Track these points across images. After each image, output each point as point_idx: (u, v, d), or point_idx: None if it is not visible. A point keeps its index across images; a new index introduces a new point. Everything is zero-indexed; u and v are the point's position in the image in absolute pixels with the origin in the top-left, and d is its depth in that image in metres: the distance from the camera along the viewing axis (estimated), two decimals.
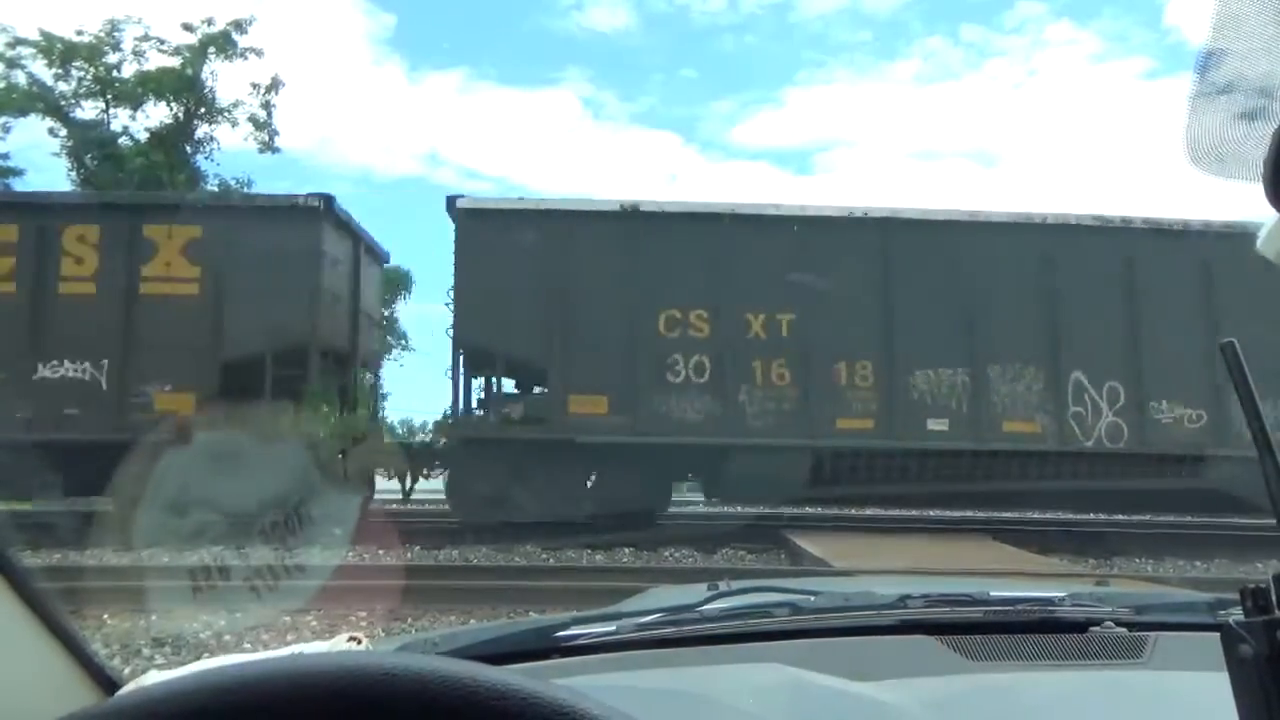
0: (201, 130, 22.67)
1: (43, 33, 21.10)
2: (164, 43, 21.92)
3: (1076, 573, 7.89)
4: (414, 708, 0.51)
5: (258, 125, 22.62)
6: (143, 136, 22.07)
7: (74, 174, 21.41)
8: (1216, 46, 0.61)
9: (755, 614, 1.30)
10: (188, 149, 22.45)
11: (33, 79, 21.39)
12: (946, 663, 1.13)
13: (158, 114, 22.21)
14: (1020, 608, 1.29)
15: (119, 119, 22.22)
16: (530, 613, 5.46)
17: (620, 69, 60.84)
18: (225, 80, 22.87)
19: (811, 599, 1.36)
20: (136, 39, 21.91)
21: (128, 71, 22.00)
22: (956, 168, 58.93)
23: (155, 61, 21.93)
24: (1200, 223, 10.35)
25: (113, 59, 21.88)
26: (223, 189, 22.01)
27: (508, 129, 60.94)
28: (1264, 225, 0.68)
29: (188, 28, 21.81)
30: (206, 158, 22.86)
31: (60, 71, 21.50)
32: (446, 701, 0.50)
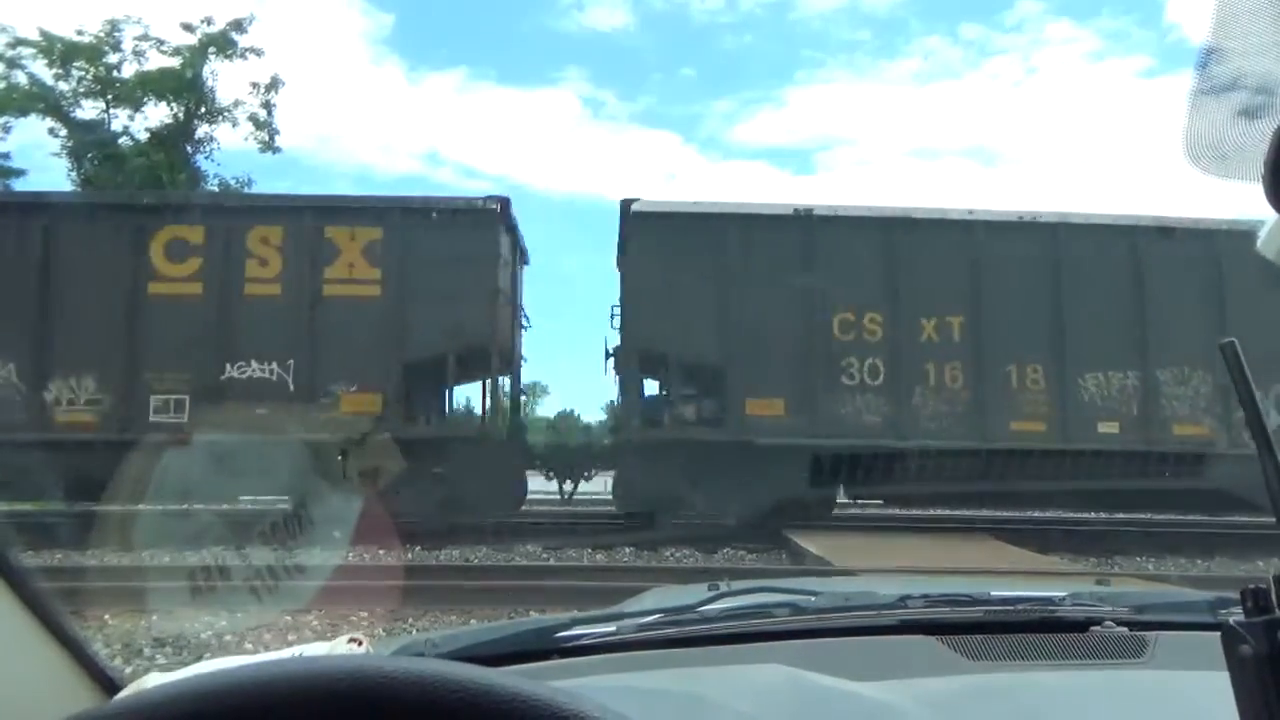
0: (202, 130, 22.74)
1: (43, 33, 21.15)
2: (164, 43, 21.98)
3: (1077, 572, 7.89)
4: (414, 711, 0.50)
5: (258, 125, 22.67)
6: (143, 136, 22.11)
7: (74, 174, 21.46)
8: (1217, 44, 0.61)
9: (756, 614, 1.29)
10: (188, 149, 22.47)
11: (33, 79, 21.43)
12: (947, 663, 1.13)
13: (158, 114, 22.27)
14: (1021, 607, 1.29)
15: (119, 119, 22.29)
16: (531, 613, 5.46)
17: (619, 68, 60.89)
18: (225, 80, 22.88)
19: (812, 599, 1.36)
20: (136, 39, 21.97)
21: (128, 71, 22.06)
22: (956, 166, 58.95)
23: (155, 61, 22.00)
24: None
25: (113, 59, 21.93)
26: (223, 188, 22.04)
27: (507, 128, 60.96)
28: (1264, 225, 0.68)
29: (187, 28, 21.86)
30: (207, 157, 22.92)
31: (60, 72, 21.53)
32: (446, 705, 0.50)
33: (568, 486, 12.47)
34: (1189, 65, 0.63)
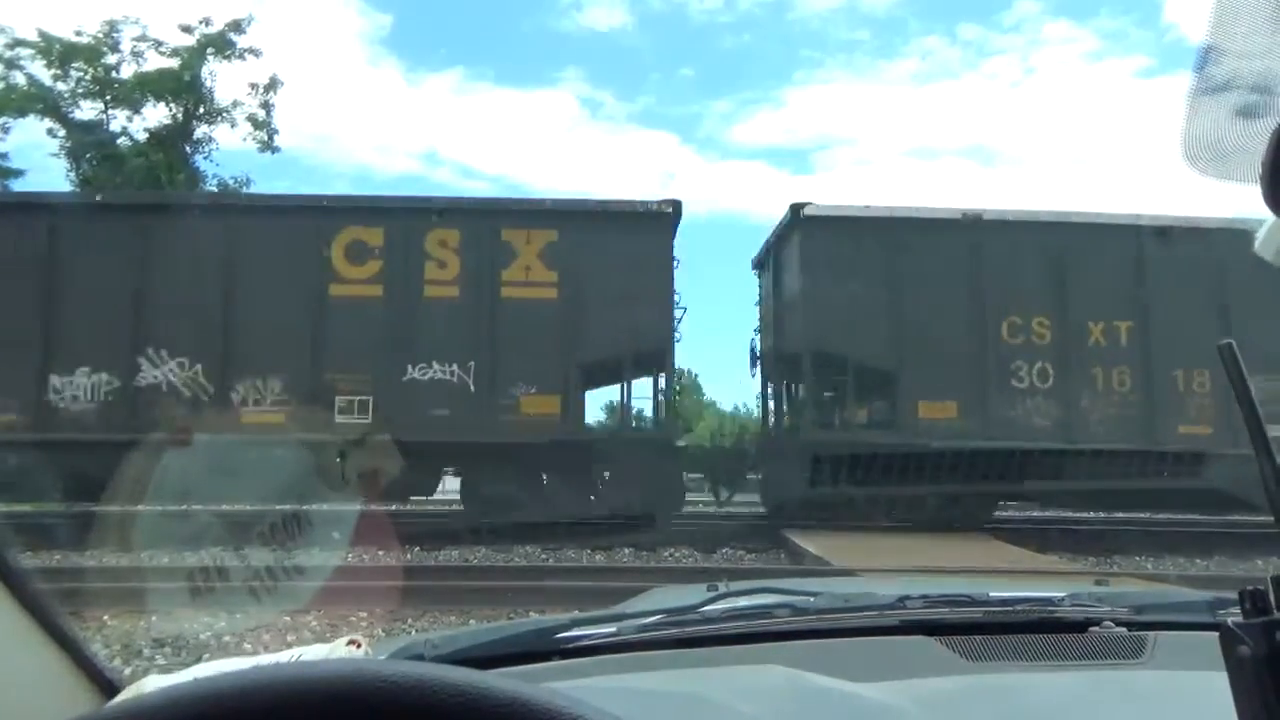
0: (200, 130, 22.72)
1: (41, 33, 21.13)
2: (162, 43, 21.97)
3: (1076, 571, 7.89)
4: (413, 715, 0.50)
5: (256, 125, 22.65)
6: (142, 137, 22.09)
7: (73, 175, 21.45)
8: (1215, 45, 0.61)
9: (755, 615, 1.29)
10: (187, 149, 22.46)
11: (32, 80, 21.41)
12: (946, 663, 1.13)
13: (156, 114, 22.26)
14: (1020, 608, 1.29)
15: (118, 119, 22.27)
16: (530, 613, 5.46)
17: (618, 68, 60.84)
18: (224, 80, 22.90)
19: (811, 600, 1.36)
20: (135, 40, 21.96)
21: (126, 72, 22.04)
22: (955, 166, 58.94)
23: (154, 62, 21.98)
24: None
25: (111, 60, 21.91)
26: (222, 188, 22.03)
27: (505, 128, 60.87)
28: (1262, 225, 0.68)
29: (186, 29, 21.84)
30: (206, 158, 22.90)
31: (59, 72, 21.51)
32: (445, 709, 0.50)
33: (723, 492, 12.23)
34: (1187, 66, 0.63)
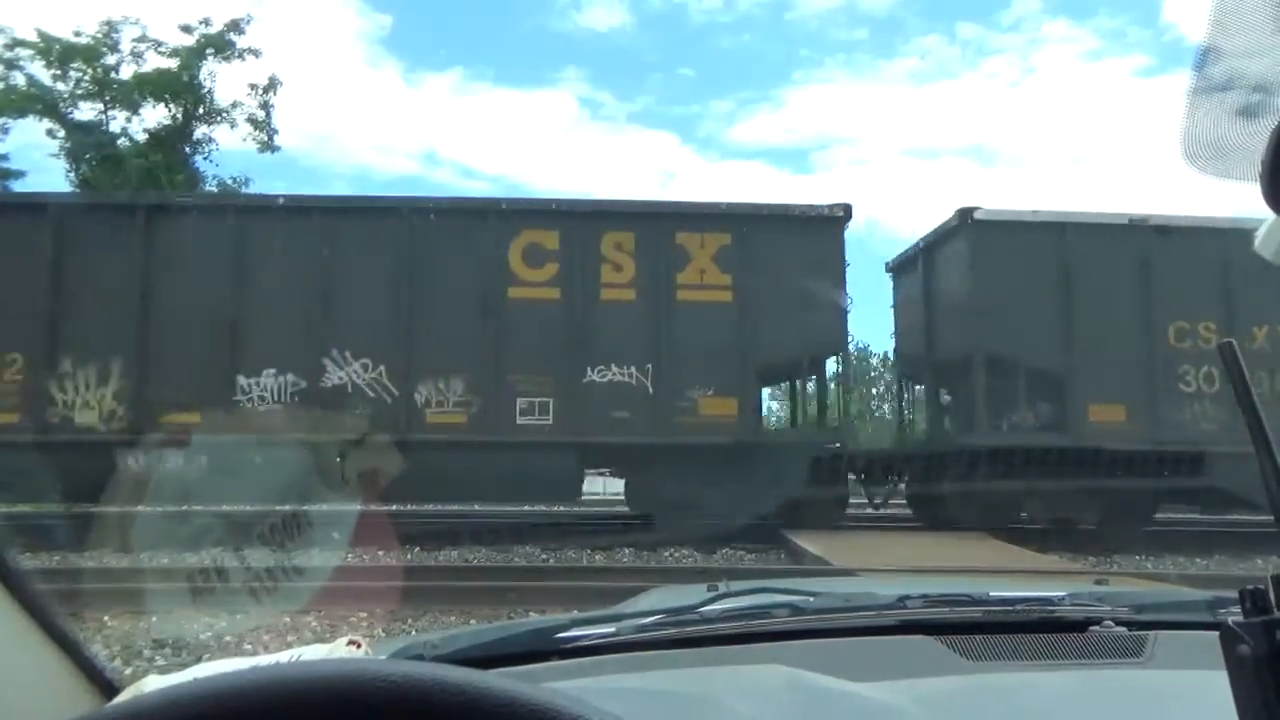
0: (200, 131, 22.73)
1: (41, 34, 21.14)
2: (162, 44, 21.99)
3: (1076, 571, 7.90)
4: (414, 716, 0.50)
5: (256, 125, 22.67)
6: (141, 138, 22.11)
7: (72, 175, 21.46)
8: (1214, 44, 0.61)
9: (755, 615, 1.29)
10: (186, 150, 22.47)
11: (31, 80, 21.42)
12: (946, 663, 1.13)
13: (156, 115, 22.28)
14: (1020, 607, 1.29)
15: (117, 120, 22.29)
16: (530, 613, 5.46)
17: (617, 68, 60.83)
18: (223, 81, 22.91)
19: (811, 599, 1.36)
20: (134, 40, 21.98)
21: (126, 73, 22.07)
22: (955, 166, 58.93)
23: (153, 63, 22.00)
24: None
25: (111, 60, 21.92)
26: (222, 189, 22.04)
27: (505, 128, 60.87)
28: (1262, 224, 0.68)
29: (185, 29, 21.86)
30: (205, 158, 22.92)
31: (58, 73, 21.53)
32: (447, 709, 0.50)
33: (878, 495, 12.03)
34: (1186, 65, 0.63)
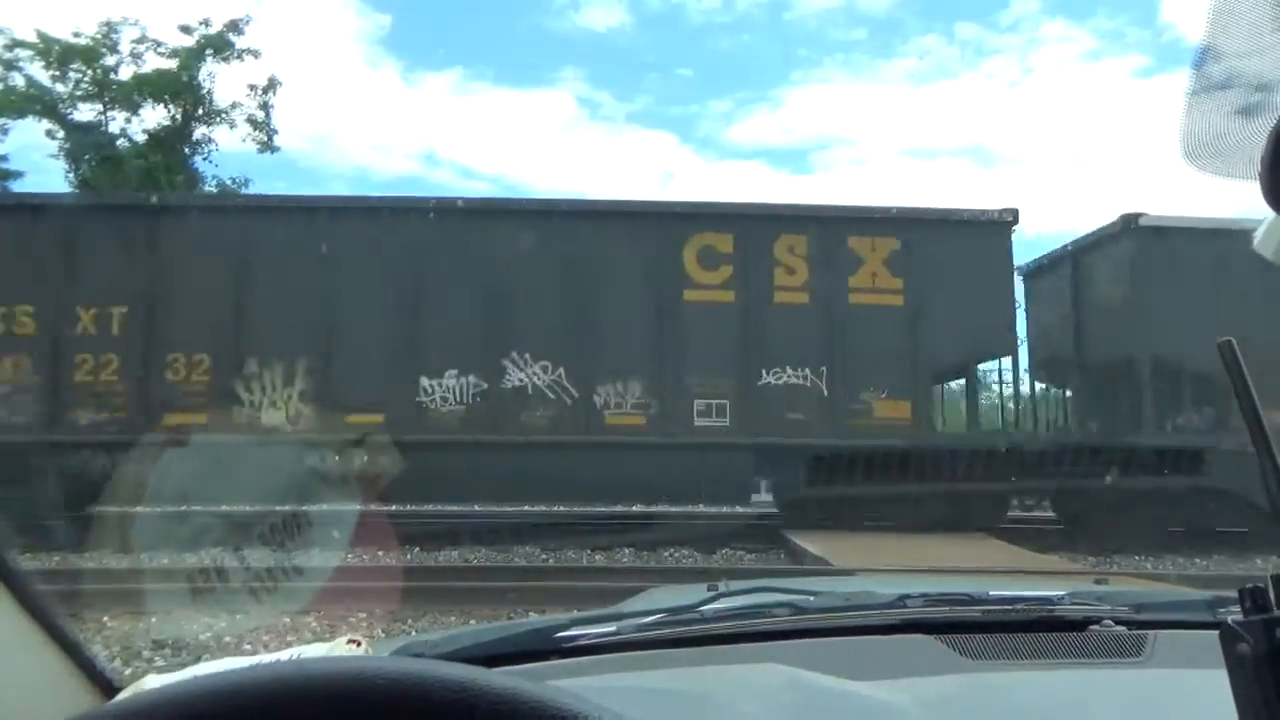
0: (199, 132, 22.70)
1: (40, 34, 21.11)
2: (161, 44, 21.95)
3: (1075, 571, 7.90)
4: (414, 712, 0.50)
5: (255, 125, 22.64)
6: (141, 138, 22.08)
7: (72, 176, 21.45)
8: (1212, 44, 0.61)
9: (755, 614, 1.30)
10: (185, 150, 22.46)
11: (30, 81, 21.40)
12: (946, 662, 1.13)
13: (155, 116, 22.24)
14: (1019, 606, 1.29)
15: (116, 121, 22.25)
16: (530, 613, 5.46)
17: (616, 68, 60.66)
18: (222, 81, 22.89)
19: (811, 599, 1.36)
20: (133, 41, 21.94)
21: (125, 73, 22.02)
22: (954, 166, 58.88)
23: (152, 63, 21.96)
24: None
25: (110, 61, 21.89)
26: (221, 190, 22.03)
27: (504, 129, 60.76)
28: (1261, 223, 0.68)
29: (185, 29, 21.83)
30: (205, 159, 22.90)
31: (58, 73, 21.51)
32: (448, 706, 0.50)
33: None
34: (1185, 64, 0.63)
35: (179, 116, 22.24)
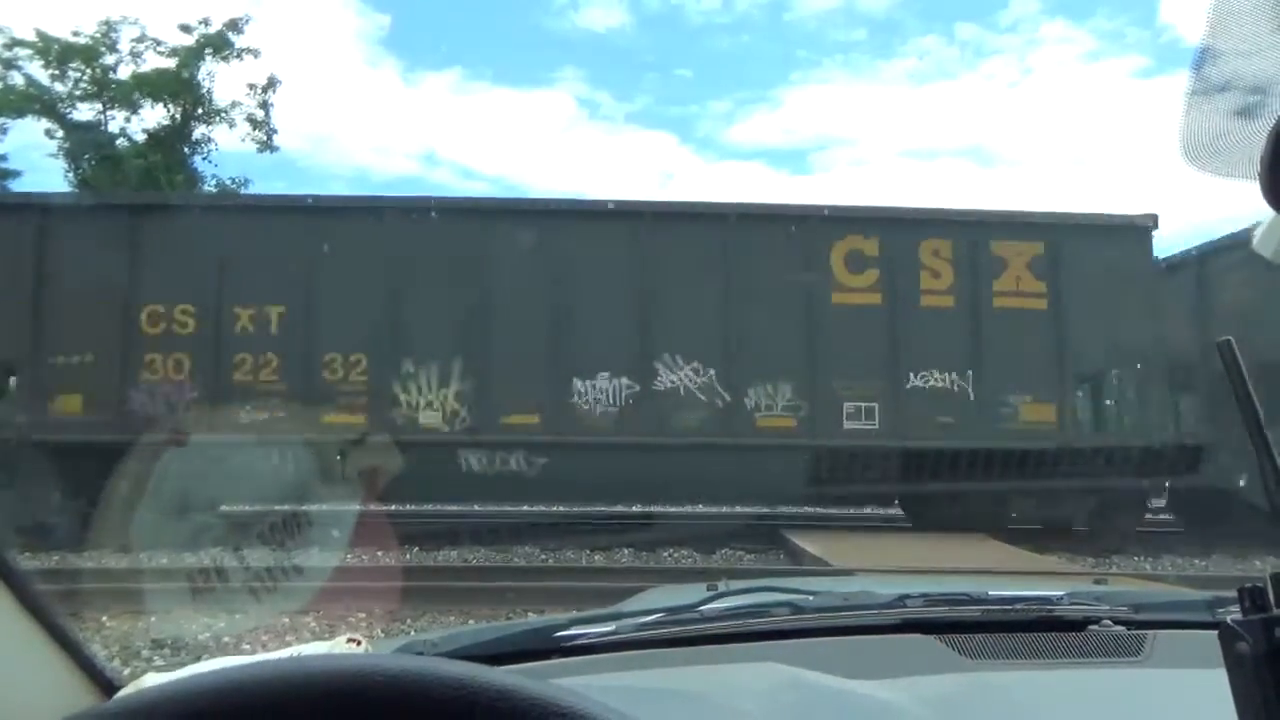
0: (199, 131, 22.71)
1: (39, 33, 21.11)
2: (160, 43, 21.95)
3: (1075, 572, 7.90)
4: (414, 709, 0.50)
5: (255, 125, 22.64)
6: (140, 138, 22.09)
7: (71, 175, 21.44)
8: (1212, 45, 0.61)
9: (754, 614, 1.30)
10: (185, 150, 22.46)
11: (30, 80, 21.40)
12: (945, 662, 1.13)
13: (155, 115, 22.24)
14: (1019, 606, 1.29)
15: (116, 120, 22.26)
16: (530, 613, 5.46)
17: (615, 69, 60.52)
18: (222, 80, 22.89)
19: (810, 599, 1.36)
20: (133, 40, 21.95)
21: (124, 72, 22.03)
22: (953, 166, 58.81)
23: (152, 62, 21.97)
24: None
25: (109, 60, 21.90)
26: (220, 189, 22.03)
27: (504, 129, 60.59)
28: (1260, 223, 0.68)
29: (184, 28, 21.83)
30: (204, 158, 22.90)
31: (57, 72, 21.51)
32: (447, 702, 0.50)
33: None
34: (1184, 65, 0.63)
35: (178, 116, 22.25)
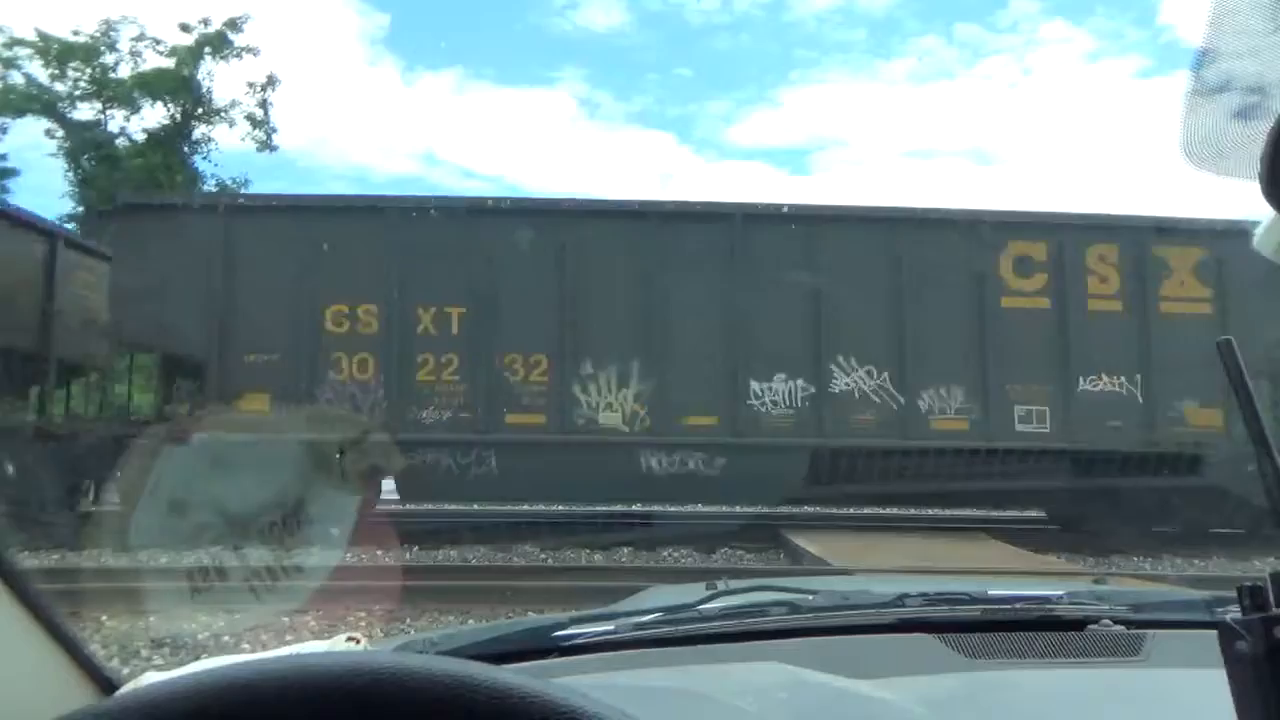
0: (199, 130, 22.71)
1: (39, 33, 21.13)
2: (160, 43, 21.99)
3: (1074, 572, 7.90)
4: (413, 706, 0.50)
5: (254, 123, 22.65)
6: (140, 137, 22.11)
7: (71, 175, 21.44)
8: (1211, 45, 0.61)
9: (754, 613, 1.30)
10: (185, 149, 22.46)
11: (29, 80, 21.41)
12: (945, 661, 1.13)
13: (154, 114, 22.27)
14: (1018, 606, 1.29)
15: (115, 120, 22.27)
16: (529, 613, 5.45)
17: (615, 68, 60.47)
18: (221, 80, 22.91)
19: (810, 598, 1.36)
20: (132, 39, 21.98)
21: (124, 72, 22.05)
22: (953, 166, 58.77)
23: (151, 62, 22.01)
24: None
25: (109, 59, 21.92)
26: (220, 189, 22.02)
27: (503, 128, 60.54)
28: (1261, 222, 0.68)
29: (184, 28, 21.85)
30: (204, 158, 22.90)
31: (56, 72, 21.51)
32: (446, 700, 0.50)
33: None
34: (1184, 65, 0.63)
35: (178, 115, 22.26)
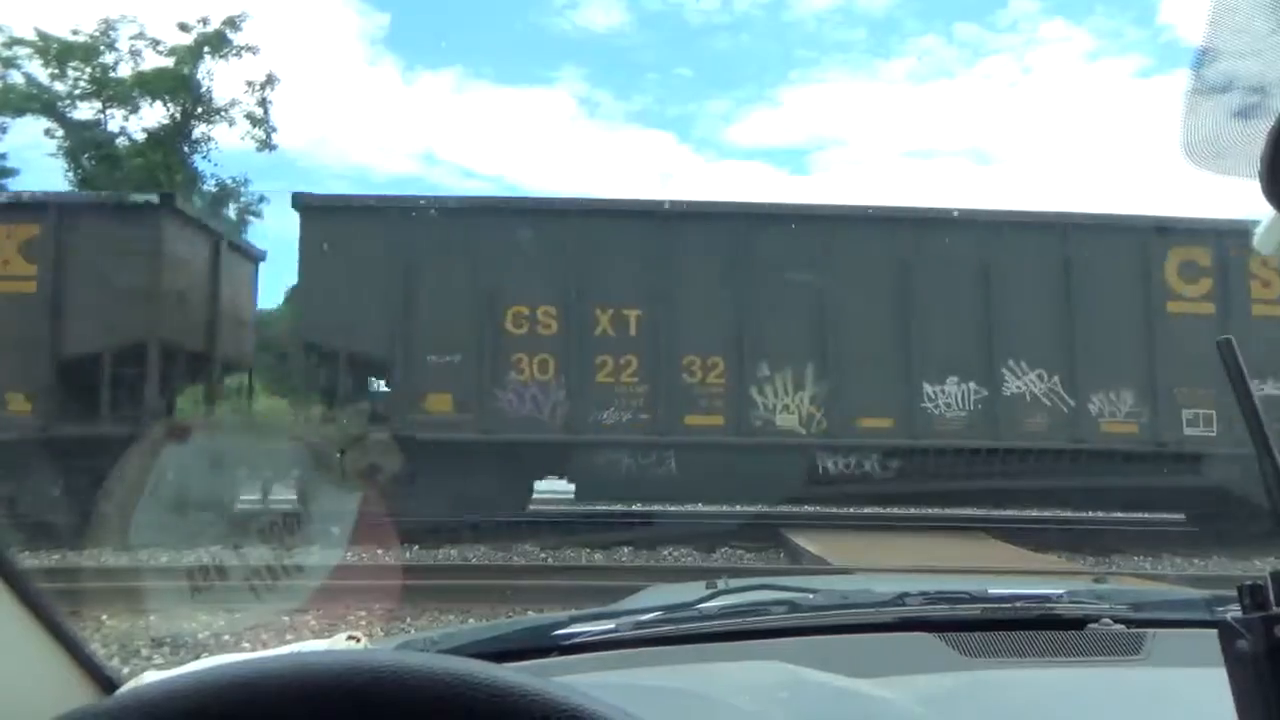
0: (198, 130, 22.70)
1: (39, 32, 21.13)
2: (159, 42, 21.97)
3: (1074, 570, 7.91)
4: (413, 705, 0.51)
5: (254, 122, 22.64)
6: (140, 137, 22.09)
7: (71, 175, 21.44)
8: (1212, 44, 0.61)
9: (754, 612, 1.30)
10: (184, 148, 22.45)
11: (29, 79, 21.40)
12: (945, 659, 1.13)
13: (154, 114, 22.25)
14: (1018, 604, 1.29)
15: (115, 119, 22.26)
16: (529, 612, 5.45)
17: (615, 68, 60.48)
18: (221, 79, 22.91)
19: (810, 597, 1.36)
20: (132, 39, 21.96)
21: (124, 71, 22.04)
22: (952, 166, 58.76)
23: (151, 61, 21.99)
24: None
25: (109, 59, 21.91)
26: (221, 189, 22.04)
27: (503, 128, 60.52)
28: (1261, 222, 0.68)
29: (183, 27, 21.84)
30: (204, 157, 22.90)
31: (56, 71, 21.51)
32: (446, 698, 0.50)
33: None
34: (1184, 65, 0.63)
35: (178, 114, 22.25)
